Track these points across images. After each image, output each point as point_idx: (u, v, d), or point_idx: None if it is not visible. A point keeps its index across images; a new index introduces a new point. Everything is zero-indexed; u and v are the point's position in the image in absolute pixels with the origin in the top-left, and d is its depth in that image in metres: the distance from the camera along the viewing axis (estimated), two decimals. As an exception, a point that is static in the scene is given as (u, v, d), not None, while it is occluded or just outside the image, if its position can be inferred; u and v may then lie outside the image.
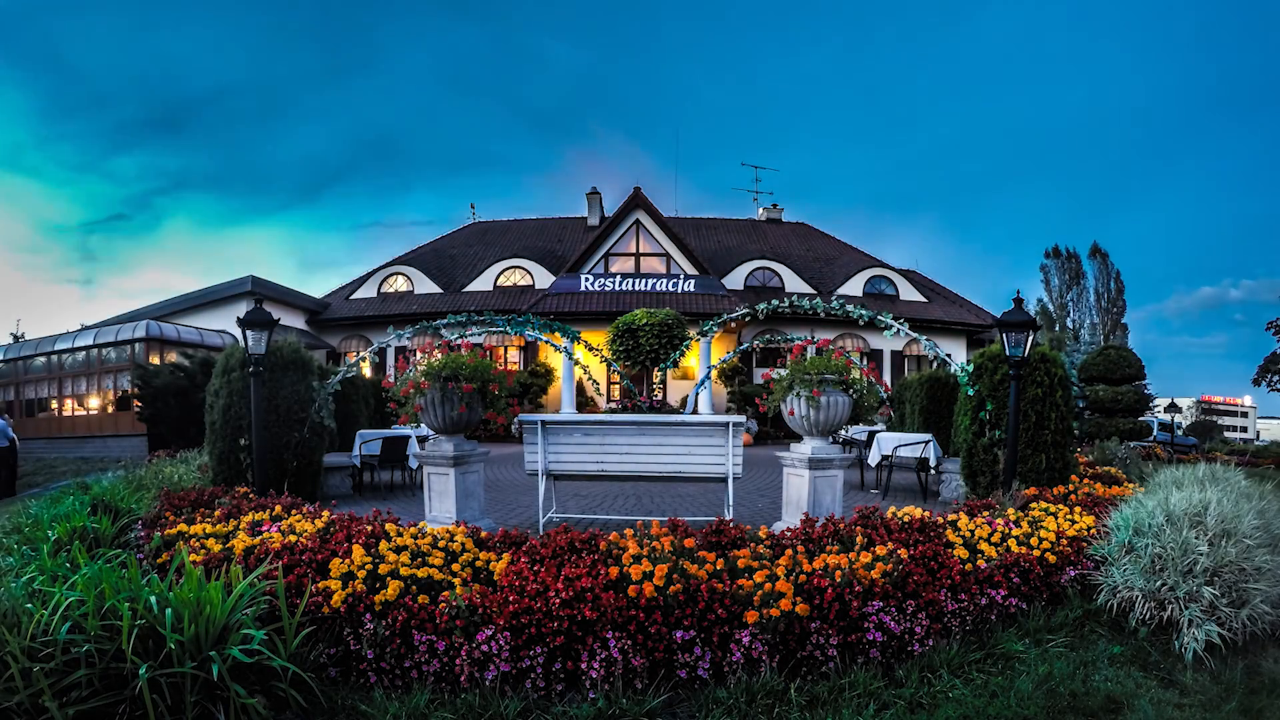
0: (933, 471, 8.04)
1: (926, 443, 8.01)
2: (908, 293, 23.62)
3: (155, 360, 16.26)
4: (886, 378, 21.22)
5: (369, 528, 4.35)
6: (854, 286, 23.15)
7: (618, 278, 20.96)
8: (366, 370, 18.50)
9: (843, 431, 10.70)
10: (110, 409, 17.23)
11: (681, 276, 21.16)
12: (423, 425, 6.74)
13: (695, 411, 16.53)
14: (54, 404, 18.14)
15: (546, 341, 9.14)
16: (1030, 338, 6.12)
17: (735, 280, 22.84)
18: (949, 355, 7.02)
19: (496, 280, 22.80)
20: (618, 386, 20.12)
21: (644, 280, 20.92)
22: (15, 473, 12.11)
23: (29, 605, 2.87)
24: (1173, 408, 25.59)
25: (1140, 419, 17.37)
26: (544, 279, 22.37)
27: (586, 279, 20.90)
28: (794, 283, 22.95)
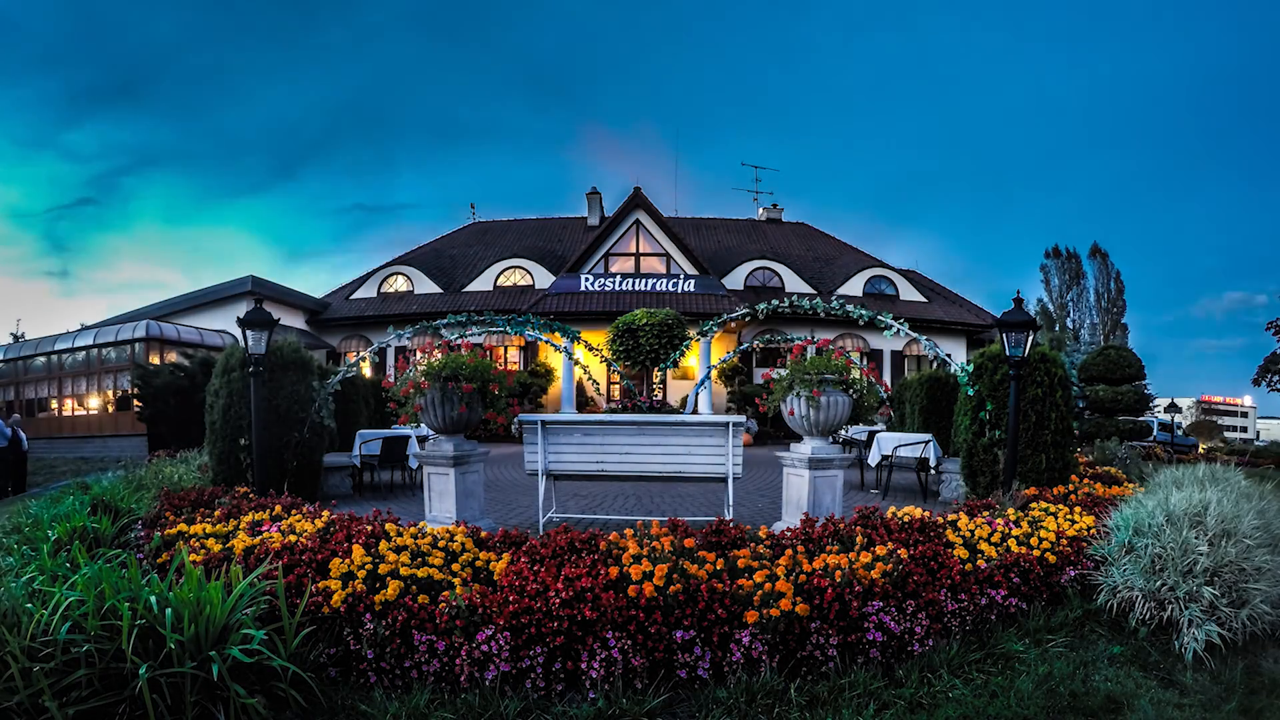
0: (933, 471, 8.04)
1: (926, 443, 8.01)
2: (908, 293, 23.62)
3: (155, 360, 16.26)
4: (886, 378, 21.22)
5: (369, 528, 4.35)
6: (854, 286, 23.15)
7: (618, 278, 20.95)
8: (366, 370, 18.50)
9: (843, 431, 10.70)
10: (110, 409, 17.23)
11: (681, 276, 21.15)
12: (423, 425, 6.73)
13: (695, 411, 16.52)
14: (54, 404, 18.14)
15: (546, 341, 9.14)
16: (1030, 338, 6.12)
17: (735, 280, 22.84)
18: (949, 355, 7.03)
19: (496, 280, 22.80)
20: (618, 386, 20.12)
21: (644, 280, 20.91)
22: (24, 470, 12.11)
23: (29, 605, 2.87)
24: (1173, 408, 25.59)
25: (1140, 419, 17.36)
26: (544, 279, 22.37)
27: (586, 279, 20.89)
28: (794, 283, 22.94)
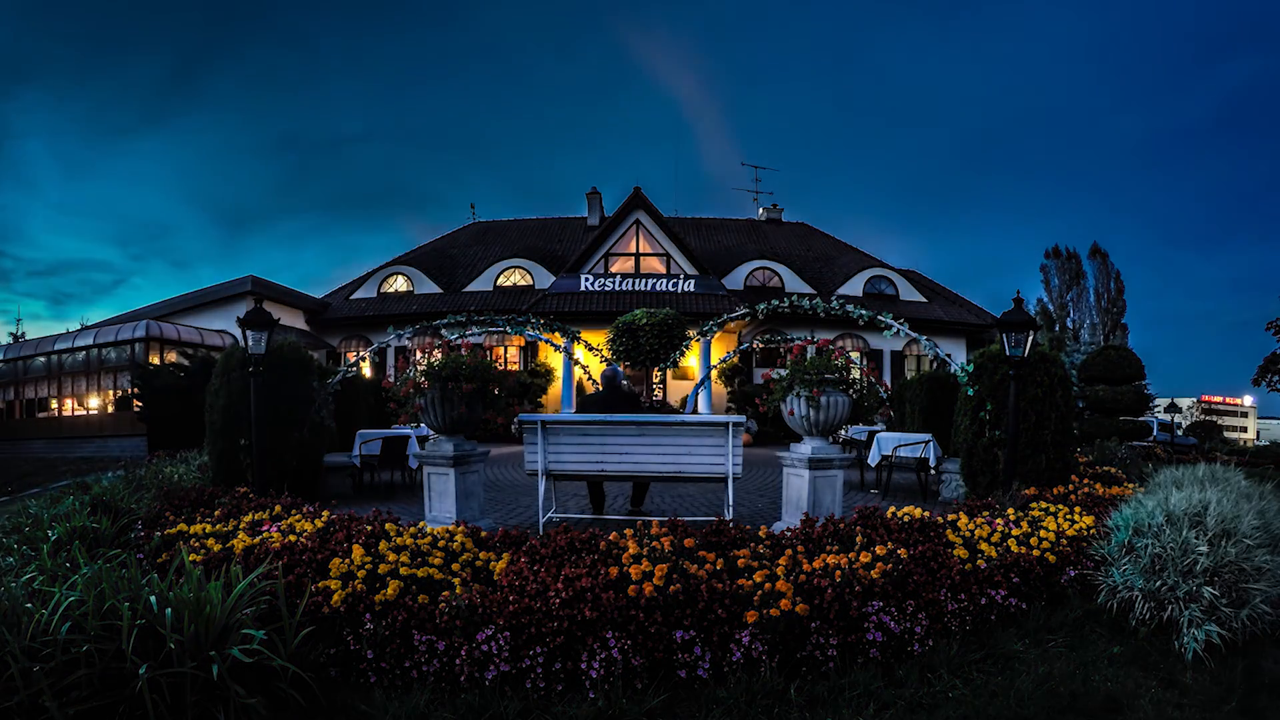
0: (933, 471, 8.04)
1: (926, 443, 8.01)
2: (908, 293, 23.61)
3: (155, 360, 16.26)
4: (886, 378, 21.21)
5: (369, 527, 4.35)
6: (854, 286, 23.13)
7: (618, 278, 20.95)
8: (366, 370, 18.52)
9: (843, 431, 10.69)
10: (110, 409, 17.23)
11: (681, 276, 21.15)
12: (423, 425, 6.73)
13: (695, 411, 16.53)
14: (54, 404, 18.13)
15: (546, 341, 9.15)
16: (1030, 338, 6.12)
17: (735, 280, 22.83)
18: (949, 355, 7.03)
19: (496, 280, 22.79)
20: (618, 386, 20.08)
21: (644, 280, 20.91)
22: None
23: (29, 605, 2.87)
24: (1173, 408, 25.60)
25: (1140, 419, 17.36)
26: (544, 279, 22.36)
27: (586, 279, 20.89)
28: (794, 283, 22.93)
